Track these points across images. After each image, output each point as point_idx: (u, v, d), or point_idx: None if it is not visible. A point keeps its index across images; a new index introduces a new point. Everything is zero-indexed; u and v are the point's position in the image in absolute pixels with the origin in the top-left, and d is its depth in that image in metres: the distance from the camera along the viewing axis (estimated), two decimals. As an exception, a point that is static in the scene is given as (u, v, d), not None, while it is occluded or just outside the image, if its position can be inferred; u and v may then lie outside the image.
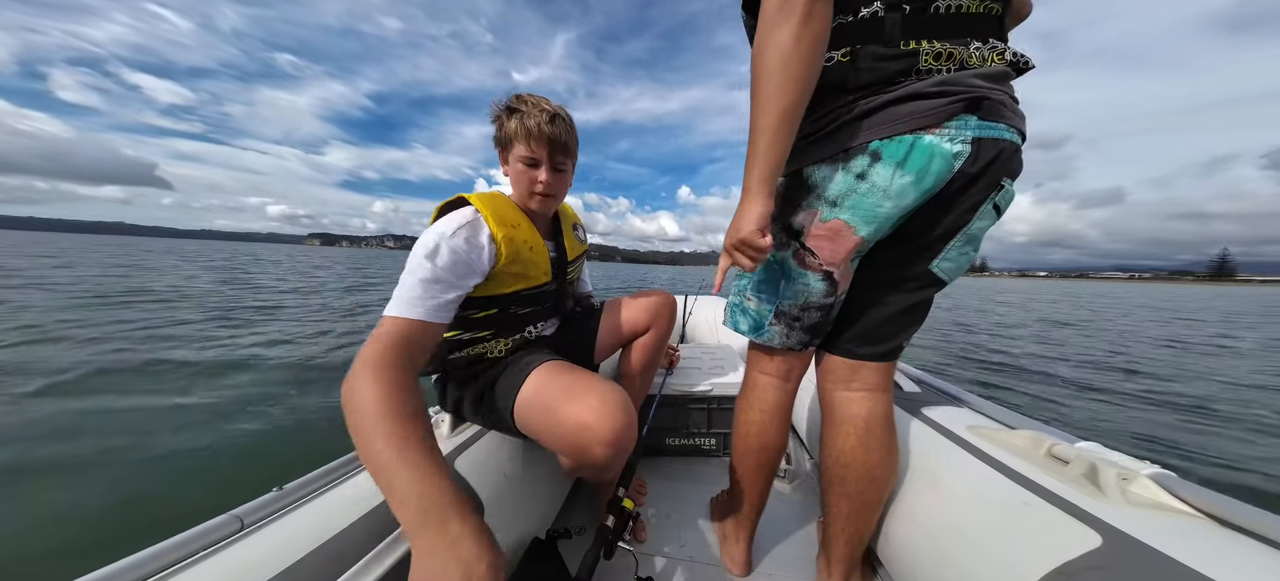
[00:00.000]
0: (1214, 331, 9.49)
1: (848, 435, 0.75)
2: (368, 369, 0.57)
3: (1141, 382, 4.26)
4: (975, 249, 0.65)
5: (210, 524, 0.56)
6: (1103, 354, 5.86)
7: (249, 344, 4.19)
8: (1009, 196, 0.61)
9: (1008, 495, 0.66)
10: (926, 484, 0.78)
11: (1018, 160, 0.59)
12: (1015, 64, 0.58)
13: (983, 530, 0.66)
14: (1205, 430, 2.95)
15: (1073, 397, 3.69)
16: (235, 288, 9.36)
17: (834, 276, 0.66)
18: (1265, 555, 0.46)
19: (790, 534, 1.05)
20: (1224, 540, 0.49)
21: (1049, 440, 0.72)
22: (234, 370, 3.34)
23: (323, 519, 0.61)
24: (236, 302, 6.99)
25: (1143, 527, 0.52)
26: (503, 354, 0.87)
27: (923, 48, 0.55)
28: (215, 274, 13.03)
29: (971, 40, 0.55)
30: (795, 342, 0.75)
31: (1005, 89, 0.57)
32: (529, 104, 0.81)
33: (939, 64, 0.55)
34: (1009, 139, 0.56)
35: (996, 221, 0.63)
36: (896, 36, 0.56)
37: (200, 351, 3.80)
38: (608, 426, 0.65)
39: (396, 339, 0.63)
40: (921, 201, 0.58)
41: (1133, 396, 3.75)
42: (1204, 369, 5.09)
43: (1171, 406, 3.47)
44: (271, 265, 21.68)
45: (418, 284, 0.68)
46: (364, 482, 0.71)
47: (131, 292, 7.47)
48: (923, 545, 0.74)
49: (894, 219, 0.60)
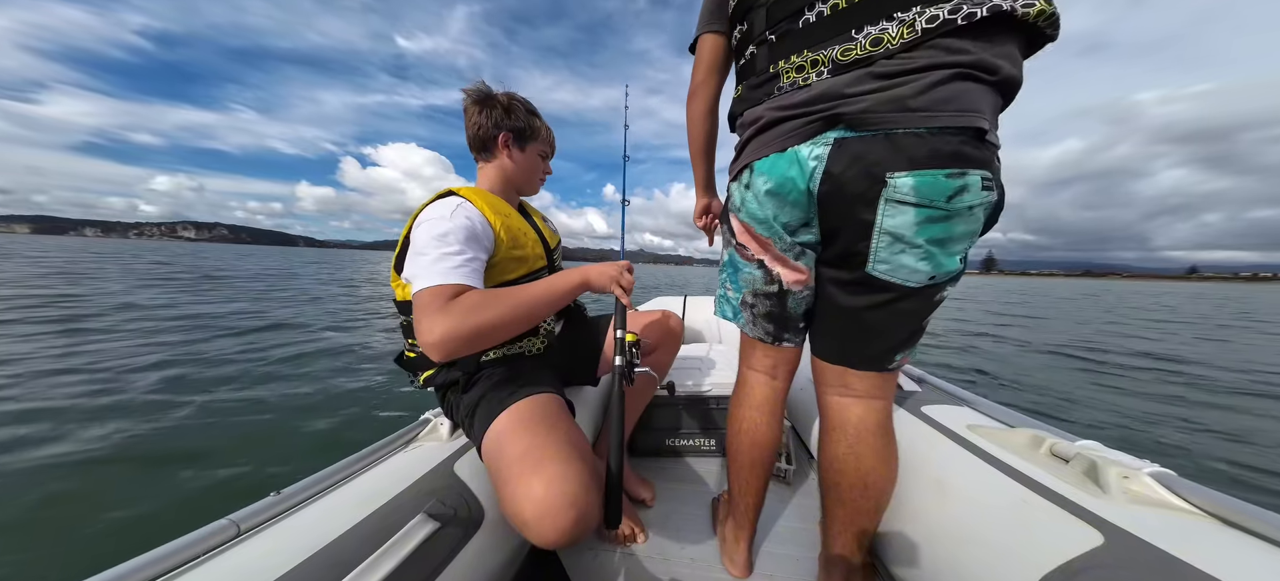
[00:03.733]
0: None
1: (839, 441, 0.75)
2: (438, 322, 0.64)
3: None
4: (918, 248, 0.59)
5: (205, 530, 0.55)
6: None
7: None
8: (909, 188, 0.56)
9: (1009, 495, 0.66)
10: (929, 485, 0.78)
11: (916, 151, 0.55)
12: (945, 27, 0.53)
13: (985, 530, 0.66)
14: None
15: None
16: None
17: (767, 266, 0.74)
18: (1267, 554, 0.46)
19: (792, 535, 1.05)
20: (1226, 538, 0.49)
21: (1049, 439, 0.72)
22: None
23: (322, 523, 0.61)
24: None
25: (1145, 526, 0.52)
26: (517, 352, 0.88)
27: (782, 67, 0.64)
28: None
29: (863, 27, 0.57)
30: (762, 333, 0.81)
31: (879, 79, 0.56)
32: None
33: (801, 76, 0.62)
34: (875, 135, 0.57)
35: (922, 215, 0.57)
36: (764, 66, 0.68)
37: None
38: (547, 528, 0.60)
39: (438, 294, 0.67)
40: (810, 204, 0.64)
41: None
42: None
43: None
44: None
45: (439, 256, 0.70)
46: (364, 485, 0.71)
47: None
48: (925, 546, 0.74)
49: (786, 219, 0.67)
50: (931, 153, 0.55)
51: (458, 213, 0.76)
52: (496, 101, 0.93)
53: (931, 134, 0.55)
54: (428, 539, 0.62)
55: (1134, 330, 8.68)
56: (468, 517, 0.71)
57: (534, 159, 0.99)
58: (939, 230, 0.58)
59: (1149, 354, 5.83)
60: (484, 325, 0.66)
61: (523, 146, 0.96)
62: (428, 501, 0.69)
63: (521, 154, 0.96)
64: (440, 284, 0.68)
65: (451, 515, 0.69)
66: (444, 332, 0.64)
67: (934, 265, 0.60)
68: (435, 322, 0.64)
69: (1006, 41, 0.54)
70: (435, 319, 0.65)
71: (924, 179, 0.55)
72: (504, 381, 0.82)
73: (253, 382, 3.14)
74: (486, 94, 0.93)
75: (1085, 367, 4.92)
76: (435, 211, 0.77)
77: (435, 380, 0.87)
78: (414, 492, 0.70)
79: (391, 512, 0.65)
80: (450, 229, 0.73)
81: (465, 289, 0.69)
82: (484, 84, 0.94)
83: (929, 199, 0.56)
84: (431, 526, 0.64)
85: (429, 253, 0.71)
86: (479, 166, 0.98)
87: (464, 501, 0.73)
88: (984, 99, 0.55)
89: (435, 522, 0.65)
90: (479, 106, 0.93)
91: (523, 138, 0.96)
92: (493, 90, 0.94)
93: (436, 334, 0.64)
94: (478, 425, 0.78)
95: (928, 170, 0.55)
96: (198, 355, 3.77)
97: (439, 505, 0.69)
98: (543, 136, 1.00)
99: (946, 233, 0.58)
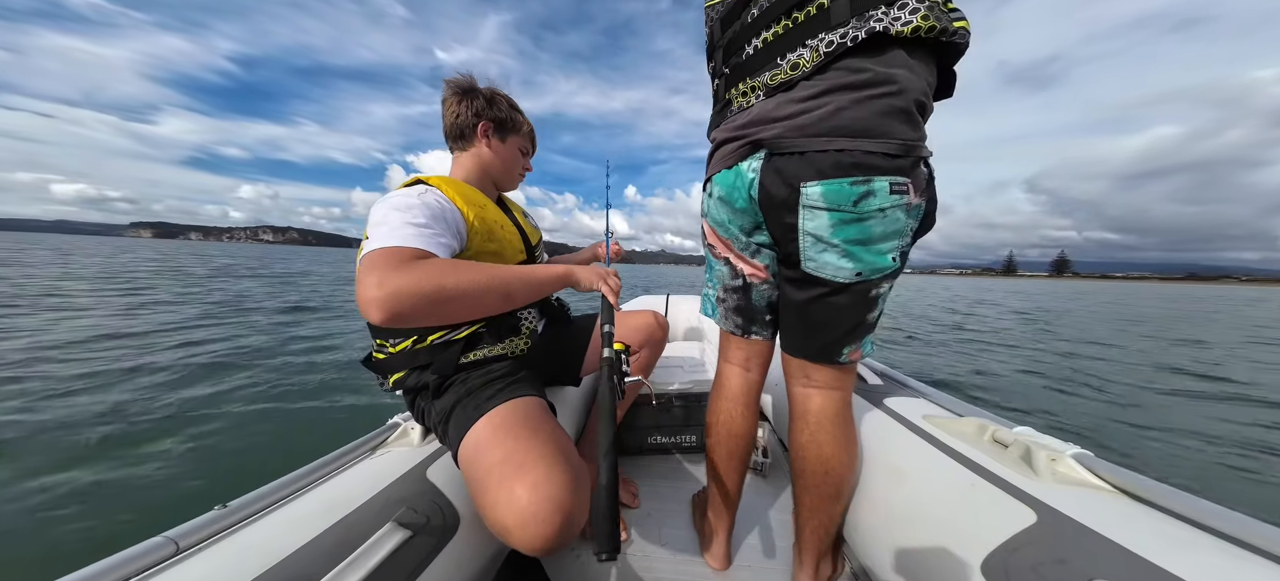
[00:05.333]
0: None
1: (802, 429, 0.81)
2: (390, 277, 0.56)
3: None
4: (835, 247, 0.66)
5: (138, 548, 0.50)
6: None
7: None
8: (819, 194, 0.64)
9: (957, 478, 0.72)
10: (887, 471, 0.84)
11: (823, 163, 0.63)
12: (840, 51, 0.61)
13: (936, 512, 0.72)
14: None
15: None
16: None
17: (732, 262, 0.83)
18: (1165, 523, 0.54)
19: (768, 526, 1.09)
20: (1133, 512, 0.56)
21: (992, 426, 0.79)
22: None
23: (276, 537, 0.56)
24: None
25: (1069, 503, 0.59)
26: (499, 353, 0.85)
27: (733, 94, 0.76)
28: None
29: (786, 54, 0.66)
30: (732, 326, 0.88)
31: (797, 104, 0.65)
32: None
33: (745, 100, 0.73)
34: (790, 154, 0.66)
35: (834, 218, 0.65)
36: (722, 93, 0.79)
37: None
38: (533, 534, 0.57)
39: (393, 253, 0.60)
40: (752, 210, 0.74)
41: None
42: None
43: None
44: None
45: (401, 223, 0.65)
46: (325, 494, 0.66)
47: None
48: (884, 530, 0.80)
49: (738, 222, 0.77)
50: (835, 164, 0.63)
51: (425, 194, 0.72)
52: (479, 93, 0.90)
53: (827, 151, 0.63)
54: (398, 548, 0.59)
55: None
56: (441, 525, 0.69)
57: (514, 152, 0.97)
58: (854, 231, 0.65)
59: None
60: (448, 288, 0.59)
61: (503, 138, 0.94)
62: (398, 509, 0.65)
63: (502, 145, 0.94)
64: (399, 245, 0.60)
65: (423, 523, 0.66)
66: (397, 286, 0.55)
67: (858, 262, 0.66)
68: (387, 277, 0.55)
69: (896, 56, 0.62)
70: (387, 273, 0.56)
71: (830, 187, 0.63)
72: (481, 385, 0.78)
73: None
74: (470, 85, 0.90)
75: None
76: (397, 194, 0.72)
77: (406, 383, 0.81)
78: (382, 501, 0.66)
79: (357, 522, 0.61)
80: (415, 204, 0.68)
81: (428, 255, 0.63)
82: (466, 77, 0.90)
83: (836, 203, 0.64)
84: (402, 535, 0.61)
85: (389, 221, 0.64)
86: (454, 156, 0.93)
87: (437, 508, 0.70)
88: (890, 116, 0.61)
89: (406, 531, 0.62)
90: (460, 97, 0.89)
91: (504, 129, 0.93)
92: (476, 83, 0.91)
93: (387, 288, 0.55)
94: (453, 431, 0.73)
95: (833, 179, 0.63)
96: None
97: (410, 513, 0.66)
98: (525, 131, 0.98)
99: (863, 233, 0.65)
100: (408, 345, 0.80)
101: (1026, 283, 37.96)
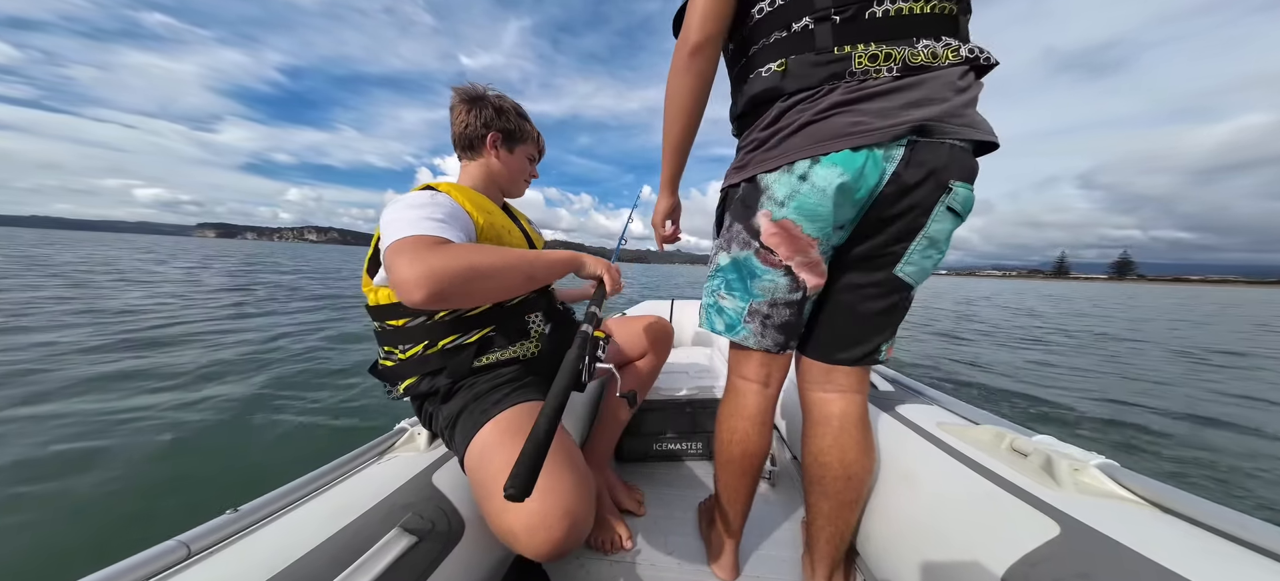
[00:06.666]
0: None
1: (824, 435, 0.77)
2: (424, 257, 0.58)
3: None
4: (940, 252, 0.66)
5: (151, 552, 0.51)
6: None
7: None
8: (962, 199, 0.62)
9: (975, 489, 0.69)
10: (902, 481, 0.81)
11: (967, 164, 0.61)
12: (974, 62, 0.59)
13: (954, 524, 0.69)
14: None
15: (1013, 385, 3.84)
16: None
17: (794, 271, 0.68)
18: (1198, 536, 0.51)
19: (776, 535, 1.07)
20: (1164, 525, 0.54)
21: (1010, 434, 0.76)
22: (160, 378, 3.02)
23: (285, 541, 0.57)
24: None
25: (1094, 515, 0.56)
26: (510, 357, 0.86)
27: (856, 51, 0.59)
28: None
29: (920, 39, 0.58)
30: (770, 343, 0.74)
31: (955, 92, 0.59)
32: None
33: (876, 65, 0.58)
34: (952, 144, 0.59)
35: (958, 223, 0.64)
36: (829, 44, 0.60)
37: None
38: (539, 541, 0.57)
39: (421, 240, 0.62)
40: (866, 203, 0.63)
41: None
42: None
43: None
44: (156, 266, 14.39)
45: (420, 217, 0.66)
46: (333, 499, 0.67)
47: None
48: (899, 541, 0.77)
49: (839, 219, 0.64)
50: (970, 167, 0.61)
51: (436, 196, 0.74)
52: (488, 102, 0.91)
53: (965, 149, 0.61)
54: (403, 554, 0.59)
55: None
56: (447, 531, 0.68)
57: (522, 161, 0.99)
58: (951, 238, 0.66)
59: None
60: (480, 266, 0.62)
61: (511, 148, 0.96)
62: (404, 514, 0.66)
63: (510, 155, 0.96)
64: (423, 233, 0.62)
65: (429, 529, 0.66)
66: (433, 266, 0.57)
67: (932, 265, 0.68)
68: (421, 257, 0.58)
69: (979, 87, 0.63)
70: (420, 255, 0.58)
71: (967, 190, 0.62)
72: (488, 390, 0.79)
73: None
74: (478, 94, 0.91)
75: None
76: (410, 195, 0.75)
77: (417, 390, 0.81)
78: (389, 506, 0.67)
79: (363, 528, 0.62)
80: (429, 203, 0.70)
81: (451, 243, 0.65)
82: (474, 85, 0.92)
83: (966, 209, 0.63)
84: (408, 541, 0.61)
85: (408, 216, 0.65)
86: (462, 164, 0.95)
87: (443, 513, 0.70)
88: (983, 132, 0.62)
89: (412, 536, 0.62)
90: (468, 106, 0.90)
91: (512, 139, 0.95)
92: (484, 91, 0.92)
93: (425, 267, 0.56)
94: (459, 436, 0.74)
95: (967, 183, 0.61)
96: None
97: (416, 518, 0.66)
98: (532, 139, 1.00)
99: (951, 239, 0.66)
100: (419, 350, 0.80)
101: (1079, 286, 32.50)
